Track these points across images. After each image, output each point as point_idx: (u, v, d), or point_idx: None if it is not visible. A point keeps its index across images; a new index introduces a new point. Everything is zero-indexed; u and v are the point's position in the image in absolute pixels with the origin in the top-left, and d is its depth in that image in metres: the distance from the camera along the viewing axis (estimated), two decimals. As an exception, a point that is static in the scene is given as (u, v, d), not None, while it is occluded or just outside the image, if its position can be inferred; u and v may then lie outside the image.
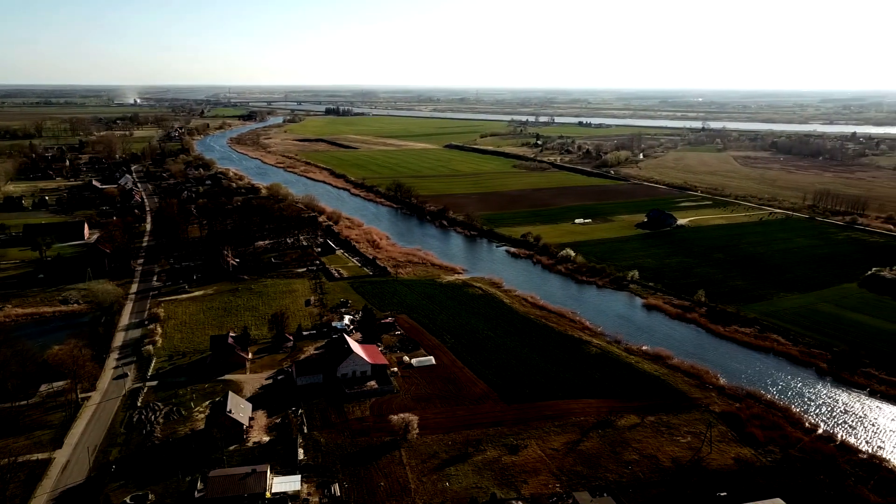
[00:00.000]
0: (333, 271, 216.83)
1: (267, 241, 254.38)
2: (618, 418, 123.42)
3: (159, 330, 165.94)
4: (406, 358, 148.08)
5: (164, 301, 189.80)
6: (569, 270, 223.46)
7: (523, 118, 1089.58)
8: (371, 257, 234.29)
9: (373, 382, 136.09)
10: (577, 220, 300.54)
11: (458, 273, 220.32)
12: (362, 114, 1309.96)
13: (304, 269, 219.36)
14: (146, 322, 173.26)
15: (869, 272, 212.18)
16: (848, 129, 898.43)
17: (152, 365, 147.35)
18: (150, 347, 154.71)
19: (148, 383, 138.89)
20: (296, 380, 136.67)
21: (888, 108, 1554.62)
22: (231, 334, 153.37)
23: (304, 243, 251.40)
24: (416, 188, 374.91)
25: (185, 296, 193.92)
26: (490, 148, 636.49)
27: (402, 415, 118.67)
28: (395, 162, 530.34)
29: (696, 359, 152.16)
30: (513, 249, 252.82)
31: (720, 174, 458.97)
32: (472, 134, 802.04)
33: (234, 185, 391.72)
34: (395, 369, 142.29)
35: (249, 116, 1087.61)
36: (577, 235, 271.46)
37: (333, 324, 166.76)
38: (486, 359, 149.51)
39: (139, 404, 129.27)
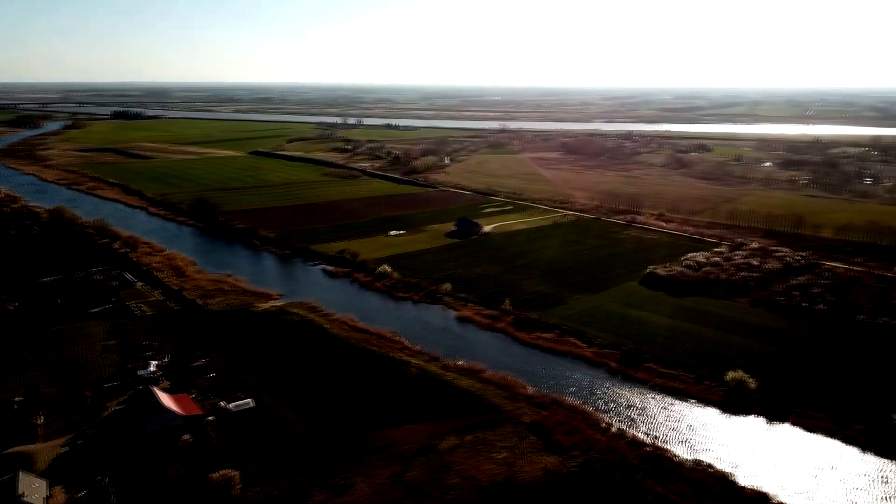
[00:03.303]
0: (134, 308, 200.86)
1: (52, 278, 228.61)
2: (439, 442, 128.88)
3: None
4: (223, 403, 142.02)
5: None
6: (386, 287, 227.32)
7: (331, 120, 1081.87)
8: (176, 289, 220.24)
9: (187, 436, 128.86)
10: (391, 233, 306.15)
11: (274, 299, 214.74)
12: (156, 117, 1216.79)
13: (100, 309, 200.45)
14: None
15: (647, 270, 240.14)
16: (625, 126, 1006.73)
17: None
18: None
19: None
20: (98, 444, 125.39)
21: (657, 106, 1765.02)
22: (15, 399, 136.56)
23: (98, 277, 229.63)
24: (222, 203, 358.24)
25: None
26: (299, 154, 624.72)
27: (222, 471, 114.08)
28: (197, 173, 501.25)
29: (506, 369, 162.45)
30: (330, 268, 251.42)
31: (519, 177, 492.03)
32: (279, 138, 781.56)
33: (5, 209, 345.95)
34: (212, 418, 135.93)
35: (21, 122, 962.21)
36: (393, 248, 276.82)
37: (138, 372, 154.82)
38: (310, 394, 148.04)
39: None
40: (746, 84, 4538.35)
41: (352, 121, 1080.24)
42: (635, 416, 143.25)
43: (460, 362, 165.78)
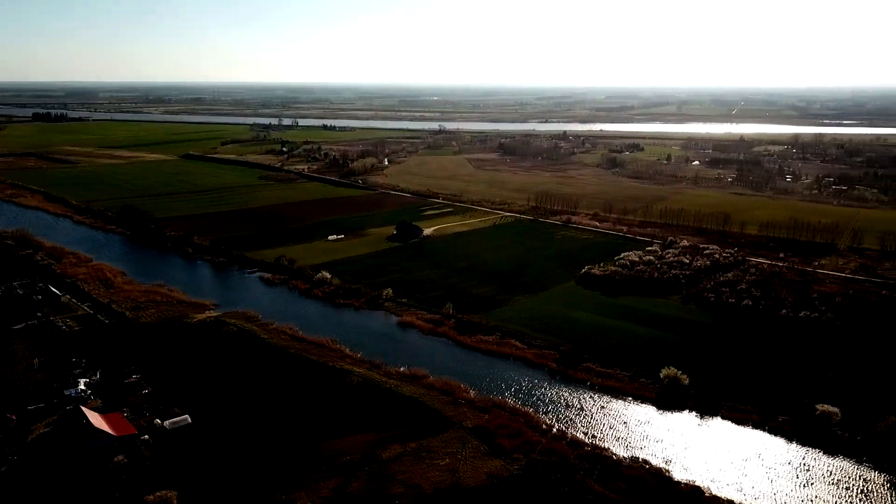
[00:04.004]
0: (60, 324, 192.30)
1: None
2: (382, 451, 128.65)
3: None
4: (158, 421, 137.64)
5: None
6: (326, 294, 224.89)
7: (266, 121, 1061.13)
8: (105, 301, 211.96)
9: (121, 457, 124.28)
10: (330, 237, 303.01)
11: (210, 309, 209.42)
12: (80, 119, 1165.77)
13: (23, 325, 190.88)
14: None
15: (582, 270, 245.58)
16: (560, 127, 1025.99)
17: None
18: None
19: None
20: (23, 471, 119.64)
21: (591, 105, 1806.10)
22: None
23: (20, 291, 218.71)
24: (153, 210, 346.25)
25: None
26: (233, 157, 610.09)
27: (159, 492, 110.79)
28: (125, 179, 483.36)
29: (449, 374, 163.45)
30: (267, 275, 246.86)
31: (458, 179, 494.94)
32: (213, 141, 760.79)
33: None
34: (147, 437, 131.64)
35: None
36: (333, 254, 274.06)
37: (66, 392, 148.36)
38: (249, 408, 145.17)
39: None
40: (675, 83, 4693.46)
41: (287, 122, 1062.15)
42: (575, 416, 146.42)
43: (402, 369, 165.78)
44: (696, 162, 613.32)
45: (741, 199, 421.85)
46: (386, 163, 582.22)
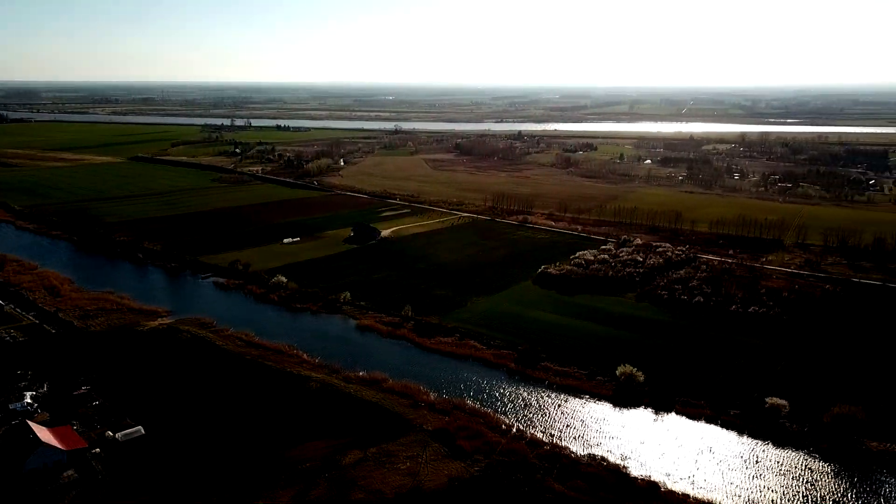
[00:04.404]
0: (4, 335, 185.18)
1: None
2: (343, 457, 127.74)
3: None
4: (110, 433, 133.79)
5: None
6: (282, 298, 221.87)
7: (219, 122, 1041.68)
8: (52, 310, 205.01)
9: (71, 472, 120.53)
10: (285, 240, 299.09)
11: (162, 316, 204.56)
12: (21, 120, 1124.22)
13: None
14: None
15: (539, 269, 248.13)
16: (515, 126, 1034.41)
17: None
18: None
19: None
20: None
21: (545, 105, 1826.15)
22: None
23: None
24: (101, 214, 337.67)
25: None
26: (185, 159, 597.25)
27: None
28: (71, 182, 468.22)
29: (408, 377, 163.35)
30: (221, 280, 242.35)
31: (415, 179, 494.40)
32: (162, 142, 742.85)
33: None
34: (98, 450, 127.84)
35: None
36: (288, 257, 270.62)
37: (10, 406, 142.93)
38: (205, 418, 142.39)
39: None
40: (625, 83, 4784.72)
41: (240, 122, 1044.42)
42: (533, 416, 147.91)
43: (362, 373, 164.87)
44: (648, 161, 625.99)
45: (692, 197, 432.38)
46: (342, 163, 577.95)
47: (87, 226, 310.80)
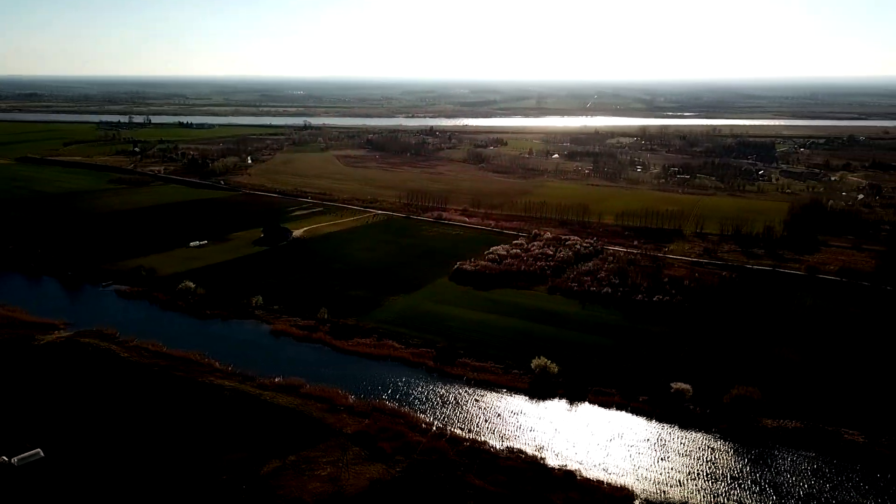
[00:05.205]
0: None
1: None
2: (260, 467, 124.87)
3: None
4: (4, 458, 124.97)
5: None
6: (190, 305, 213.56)
7: (115, 119, 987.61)
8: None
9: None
10: (192, 244, 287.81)
11: (60, 329, 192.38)
12: None
13: None
14: None
15: (455, 266, 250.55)
16: (426, 122, 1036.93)
17: None
18: None
19: None
20: None
21: (455, 100, 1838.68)
22: None
23: None
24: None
25: None
26: (79, 159, 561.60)
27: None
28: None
29: (326, 381, 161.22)
30: (124, 288, 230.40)
31: (327, 177, 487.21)
32: (53, 141, 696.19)
33: None
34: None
35: None
36: (195, 262, 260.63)
37: None
38: (111, 436, 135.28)
39: None
40: (532, 77, 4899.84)
41: (139, 119, 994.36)
42: (452, 413, 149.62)
43: (278, 379, 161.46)
44: (556, 155, 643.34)
45: (598, 190, 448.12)
46: (249, 161, 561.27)
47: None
